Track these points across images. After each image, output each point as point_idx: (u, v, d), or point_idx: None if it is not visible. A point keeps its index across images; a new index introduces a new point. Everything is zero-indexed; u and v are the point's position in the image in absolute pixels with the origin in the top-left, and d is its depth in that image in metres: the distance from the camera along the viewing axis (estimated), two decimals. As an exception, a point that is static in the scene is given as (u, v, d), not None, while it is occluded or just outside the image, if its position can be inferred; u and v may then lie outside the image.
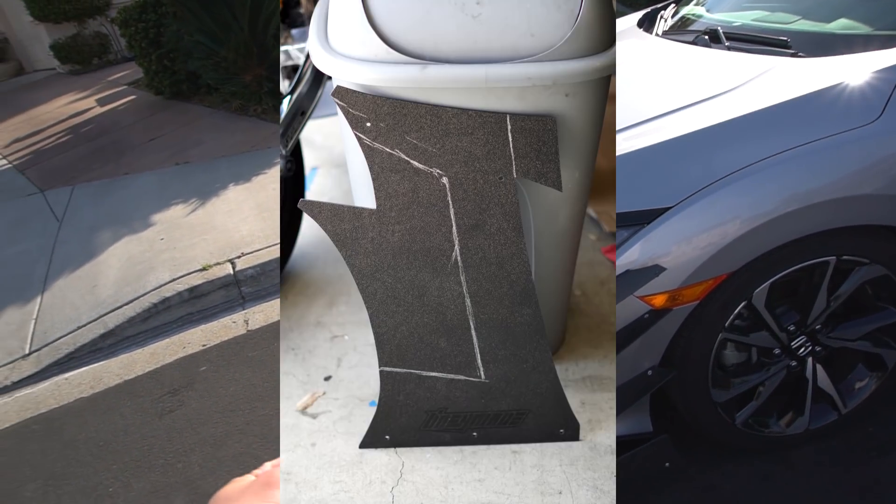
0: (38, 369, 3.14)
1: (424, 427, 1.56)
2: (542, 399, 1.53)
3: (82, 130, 7.25)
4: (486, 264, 1.39)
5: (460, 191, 1.32)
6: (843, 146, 1.52)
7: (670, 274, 1.50)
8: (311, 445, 1.61)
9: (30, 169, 6.25)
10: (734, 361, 1.69)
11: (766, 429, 1.74)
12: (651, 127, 1.72)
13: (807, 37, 2.00)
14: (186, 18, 5.62)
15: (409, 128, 1.27)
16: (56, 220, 4.81)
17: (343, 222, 1.36)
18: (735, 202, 1.50)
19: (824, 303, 1.62)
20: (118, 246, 4.07)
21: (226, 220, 4.04)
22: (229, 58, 5.52)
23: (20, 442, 2.66)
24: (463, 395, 1.53)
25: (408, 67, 1.23)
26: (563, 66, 1.24)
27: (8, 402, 2.97)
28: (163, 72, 7.09)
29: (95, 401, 2.83)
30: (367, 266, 1.40)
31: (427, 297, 1.43)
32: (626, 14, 3.51)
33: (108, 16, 10.89)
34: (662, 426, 1.67)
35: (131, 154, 5.93)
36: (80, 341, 3.24)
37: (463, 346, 1.48)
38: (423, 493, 1.48)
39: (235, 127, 5.90)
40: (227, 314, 3.30)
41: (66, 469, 2.43)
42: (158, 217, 4.35)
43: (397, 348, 1.49)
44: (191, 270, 3.51)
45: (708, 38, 2.19)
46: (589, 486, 1.47)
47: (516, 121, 1.26)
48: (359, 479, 1.52)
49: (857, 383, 1.75)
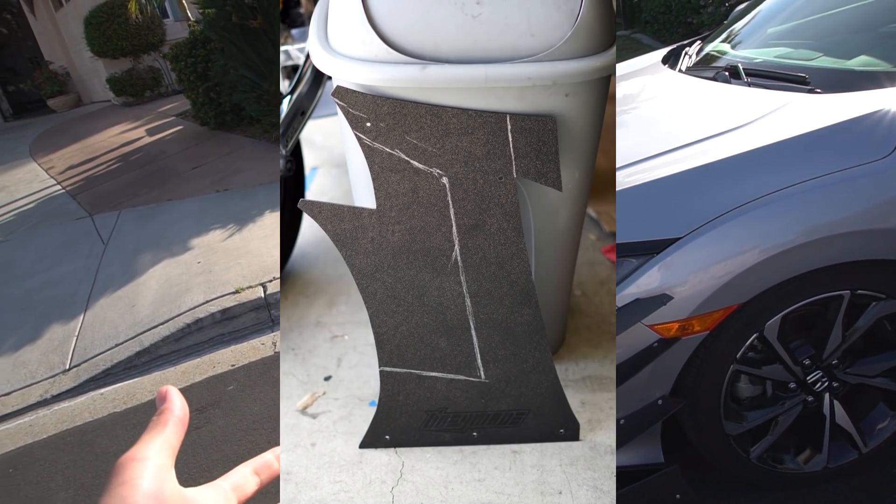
0: (76, 384, 3.28)
1: (424, 427, 1.56)
2: (542, 399, 1.52)
3: (132, 158, 7.62)
4: (486, 264, 1.39)
5: (460, 191, 1.31)
6: (855, 180, 1.52)
7: (680, 303, 1.52)
8: (311, 445, 1.61)
9: (81, 194, 6.58)
10: (748, 394, 1.68)
11: (781, 464, 1.71)
12: (667, 159, 1.75)
13: (826, 73, 2.02)
14: (233, 54, 5.92)
15: (409, 128, 1.26)
16: (102, 242, 5.05)
17: (343, 222, 1.36)
18: (748, 233, 1.51)
19: (840, 337, 1.60)
20: (157, 268, 4.25)
21: (260, 246, 4.18)
22: (271, 91, 5.77)
23: (55, 452, 2.77)
24: (463, 395, 1.53)
25: (408, 67, 1.23)
26: (563, 66, 1.23)
27: (46, 414, 3.10)
28: (209, 104, 7.44)
29: (127, 415, 2.94)
30: (367, 266, 1.40)
31: (427, 297, 1.43)
32: (656, 49, 3.57)
33: (161, 51, 11.49)
34: (674, 457, 1.65)
35: (175, 181, 6.20)
36: (117, 358, 3.38)
37: (463, 346, 1.48)
38: (423, 493, 1.47)
39: (274, 156, 6.12)
40: (256, 336, 3.40)
41: (96, 480, 2.52)
42: (197, 241, 4.53)
43: (397, 348, 1.49)
44: (224, 293, 3.64)
45: (728, 75, 2.22)
46: (589, 486, 1.46)
47: (516, 121, 1.26)
48: (359, 479, 1.52)
49: (879, 422, 1.71)
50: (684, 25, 6.89)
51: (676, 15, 6.99)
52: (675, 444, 1.70)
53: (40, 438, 2.90)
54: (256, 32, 5.64)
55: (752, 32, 2.69)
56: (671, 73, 2.59)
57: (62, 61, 14.07)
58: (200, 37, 7.18)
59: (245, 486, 0.53)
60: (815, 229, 1.51)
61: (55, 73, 13.80)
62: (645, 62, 3.01)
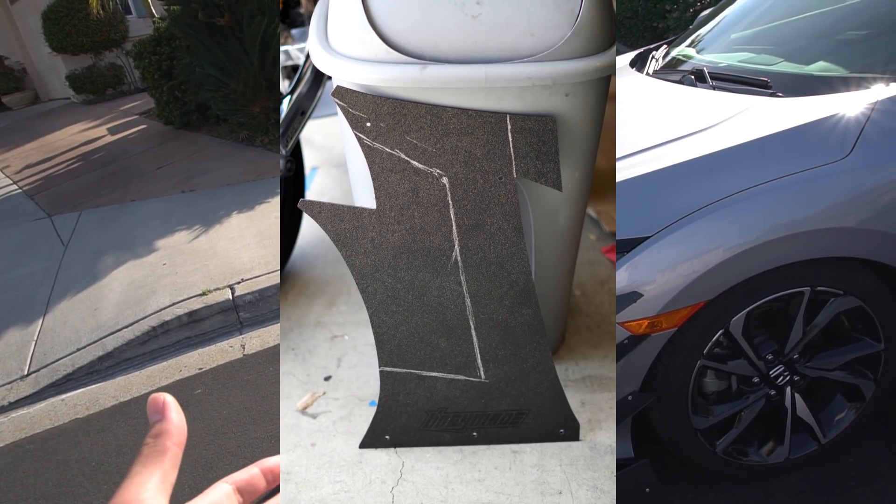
0: (35, 390, 3.18)
1: (424, 427, 1.56)
2: (542, 399, 1.52)
3: (93, 158, 7.41)
4: (486, 264, 1.39)
5: (460, 191, 1.32)
6: (815, 181, 1.58)
7: (649, 301, 1.55)
8: (311, 445, 1.61)
9: (39, 194, 6.38)
10: (714, 389, 1.72)
11: (746, 457, 1.76)
12: (633, 161, 1.79)
13: (787, 77, 2.08)
14: (199, 52, 5.81)
15: (409, 128, 1.26)
16: (62, 244, 4.90)
17: (343, 222, 1.36)
18: (715, 231, 1.55)
19: (800, 332, 1.65)
20: (121, 270, 4.14)
21: (227, 247, 4.12)
22: (238, 90, 5.69)
23: (13, 461, 2.68)
24: (463, 395, 1.53)
25: (408, 67, 1.23)
26: (563, 66, 1.23)
27: (3, 422, 3.00)
28: (174, 102, 7.29)
29: (90, 422, 2.86)
30: (367, 266, 1.40)
31: (427, 297, 1.43)
32: (623, 53, 3.63)
33: (123, 48, 11.22)
34: (644, 451, 1.69)
35: (139, 181, 6.06)
36: (79, 363, 3.28)
37: (463, 346, 1.48)
38: (423, 493, 1.47)
39: (242, 156, 6.04)
40: (224, 339, 3.34)
41: (58, 489, 2.45)
42: (162, 243, 4.44)
43: (397, 348, 1.49)
44: (191, 295, 3.57)
45: (694, 78, 2.27)
46: (589, 486, 1.47)
47: (516, 121, 1.26)
48: (359, 479, 1.52)
49: (837, 414, 1.78)
50: (650, 30, 7.03)
51: (643, 20, 7.12)
52: (645, 438, 1.74)
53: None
54: (223, 30, 5.56)
55: (717, 37, 2.76)
56: (639, 76, 2.64)
57: (18, 57, 13.62)
58: (165, 34, 7.04)
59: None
60: (778, 228, 1.55)
61: (11, 69, 13.35)
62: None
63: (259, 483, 0.49)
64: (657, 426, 1.73)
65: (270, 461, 0.51)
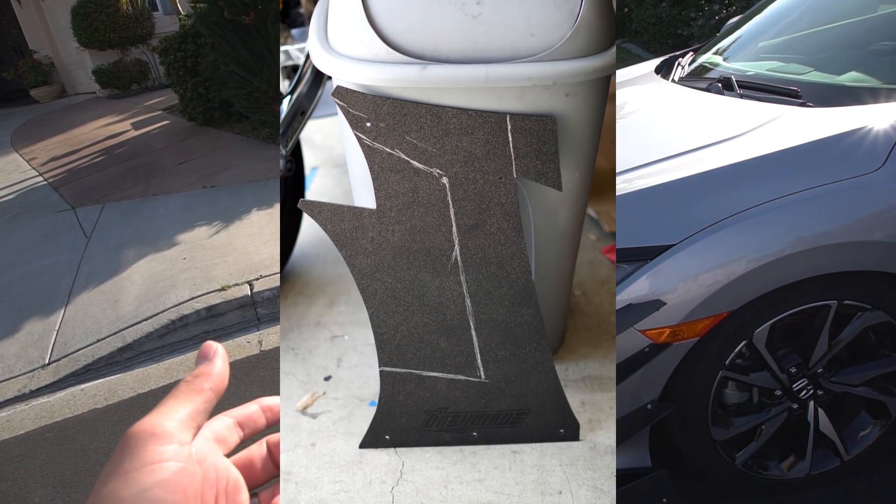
0: (55, 379, 3.23)
1: (424, 427, 1.56)
2: (542, 399, 1.52)
3: (116, 152, 7.52)
4: (486, 264, 1.39)
5: (460, 191, 1.32)
6: (845, 193, 1.55)
7: (672, 309, 1.53)
8: (311, 445, 1.61)
9: (63, 186, 6.49)
10: (735, 401, 1.70)
11: (766, 471, 1.73)
12: (659, 168, 1.77)
13: (817, 87, 2.06)
14: (223, 50, 5.87)
15: (409, 128, 1.26)
16: (85, 236, 4.98)
17: (343, 222, 1.36)
18: (739, 242, 1.53)
19: (826, 346, 1.63)
20: (142, 263, 4.20)
21: (247, 243, 4.15)
22: (261, 88, 5.74)
23: (33, 449, 2.72)
24: (463, 395, 1.53)
25: (408, 67, 1.23)
26: (563, 66, 1.23)
27: (25, 409, 3.05)
28: (197, 99, 7.37)
29: (109, 412, 2.89)
30: (367, 266, 1.40)
31: (427, 297, 1.44)
32: (647, 59, 3.61)
33: (149, 44, 11.37)
34: (662, 461, 1.67)
35: (161, 176, 6.13)
36: (99, 354, 3.33)
37: (463, 346, 1.48)
38: (423, 493, 1.47)
39: (263, 154, 6.09)
40: (242, 334, 3.37)
41: (76, 477, 2.48)
42: (183, 237, 4.48)
43: (397, 348, 1.49)
44: (210, 290, 3.60)
45: (721, 86, 2.25)
46: (589, 486, 1.46)
47: (516, 121, 1.26)
48: (359, 479, 1.52)
49: (861, 430, 1.74)
50: (674, 37, 6.98)
51: (666, 26, 7.08)
52: (663, 448, 1.72)
53: (18, 434, 2.85)
54: (248, 29, 5.61)
55: (744, 46, 2.73)
56: (664, 83, 2.62)
57: (47, 51, 13.86)
58: (191, 31, 7.12)
59: (228, 440, 0.47)
60: (805, 240, 1.53)
61: (39, 63, 13.58)
62: (638, 71, 3.05)
63: (259, 419, 0.51)
64: (675, 436, 1.71)
65: (269, 399, 0.52)
